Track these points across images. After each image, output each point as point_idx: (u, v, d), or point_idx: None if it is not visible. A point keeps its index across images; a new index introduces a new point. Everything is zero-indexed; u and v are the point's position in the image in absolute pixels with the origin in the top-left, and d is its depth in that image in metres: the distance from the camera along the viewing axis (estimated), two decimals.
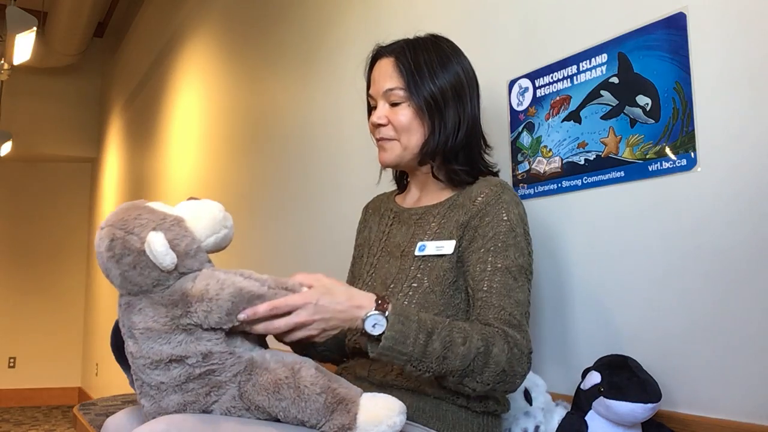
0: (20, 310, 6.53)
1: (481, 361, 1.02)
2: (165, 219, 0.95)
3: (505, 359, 1.03)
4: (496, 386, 1.04)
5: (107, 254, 0.94)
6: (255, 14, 2.99)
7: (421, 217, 1.25)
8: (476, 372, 1.02)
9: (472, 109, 1.24)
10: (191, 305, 0.93)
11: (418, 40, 1.25)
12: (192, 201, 1.02)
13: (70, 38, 5.41)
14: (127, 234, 0.93)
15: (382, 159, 1.26)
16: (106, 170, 6.21)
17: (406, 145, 1.22)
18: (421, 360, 1.00)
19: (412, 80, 1.20)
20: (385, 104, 1.24)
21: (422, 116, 1.21)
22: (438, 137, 1.21)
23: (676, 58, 1.15)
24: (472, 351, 1.01)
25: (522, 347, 1.06)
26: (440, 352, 1.00)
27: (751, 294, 1.03)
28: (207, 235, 0.98)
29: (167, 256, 0.92)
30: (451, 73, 1.22)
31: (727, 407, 1.06)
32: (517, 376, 1.06)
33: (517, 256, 1.13)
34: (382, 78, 1.23)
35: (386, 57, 1.24)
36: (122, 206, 0.98)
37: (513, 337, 1.06)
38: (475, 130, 1.25)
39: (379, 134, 1.24)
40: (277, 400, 0.92)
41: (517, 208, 1.17)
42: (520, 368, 1.06)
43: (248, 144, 2.99)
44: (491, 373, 1.03)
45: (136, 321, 0.94)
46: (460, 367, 1.02)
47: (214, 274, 0.95)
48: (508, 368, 1.04)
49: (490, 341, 1.03)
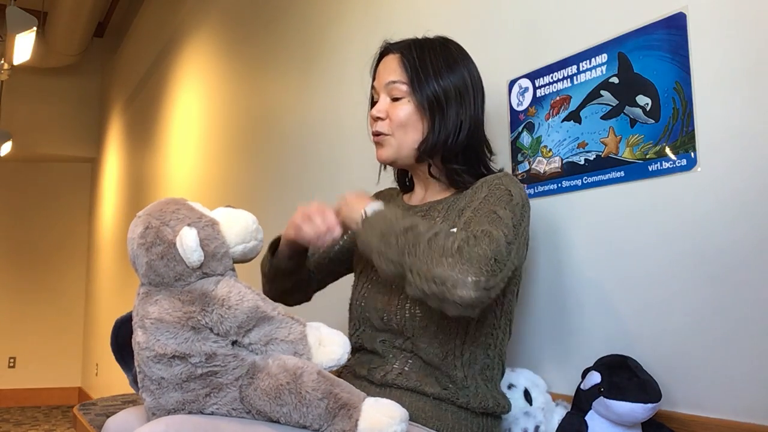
0: (20, 310, 6.53)
1: (433, 242, 1.01)
2: (201, 218, 0.98)
3: (450, 244, 1.00)
4: (429, 268, 0.99)
5: (139, 240, 0.97)
6: (255, 14, 2.99)
7: (426, 213, 1.25)
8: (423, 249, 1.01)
9: (475, 112, 1.23)
10: (209, 306, 0.94)
11: (426, 40, 1.26)
12: (228, 208, 1.04)
13: (70, 38, 5.41)
14: (162, 225, 0.96)
15: (379, 155, 1.27)
16: (106, 170, 6.21)
17: (401, 143, 1.23)
18: (390, 232, 1.05)
19: (415, 77, 1.21)
20: (386, 98, 1.24)
21: (422, 113, 1.21)
22: (438, 135, 1.20)
23: (676, 58, 1.15)
24: (430, 232, 1.03)
25: (459, 242, 1.00)
26: (405, 226, 1.05)
27: (751, 294, 1.03)
28: (237, 242, 1.00)
29: (195, 252, 0.94)
30: (457, 75, 1.22)
31: (727, 407, 1.06)
32: (442, 264, 0.98)
33: (507, 210, 1.10)
34: (386, 71, 1.24)
35: (393, 53, 1.25)
36: (163, 200, 1.01)
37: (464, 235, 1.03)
38: (478, 133, 1.25)
39: (376, 127, 1.25)
40: (279, 406, 0.93)
41: (517, 187, 1.16)
42: (440, 258, 0.99)
43: (248, 144, 2.99)
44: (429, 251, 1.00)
45: (151, 311, 0.95)
46: (412, 243, 1.02)
47: (237, 285, 0.97)
48: (441, 253, 0.99)
49: (450, 232, 1.03)
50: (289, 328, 0.98)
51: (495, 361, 1.20)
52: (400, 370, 1.15)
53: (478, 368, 1.16)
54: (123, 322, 1.07)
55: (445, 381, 1.14)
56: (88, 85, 6.65)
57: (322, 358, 0.98)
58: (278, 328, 0.98)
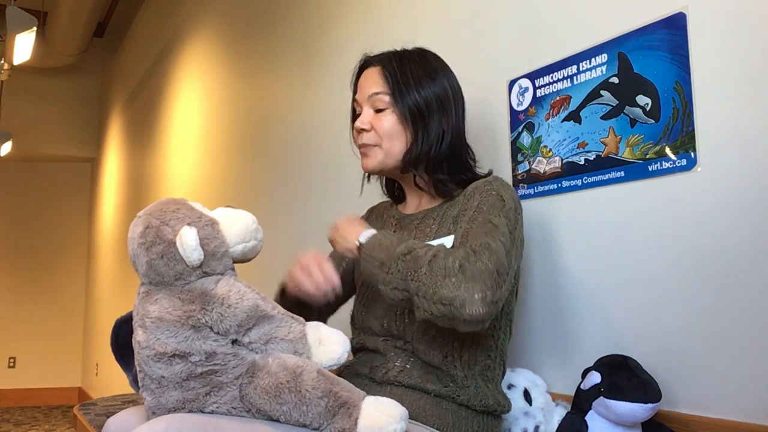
0: (20, 310, 6.52)
1: (434, 263, 1.02)
2: (201, 218, 0.99)
3: (450, 264, 1.01)
4: (430, 287, 1.01)
5: (139, 240, 0.97)
6: (255, 14, 2.99)
7: (421, 221, 1.26)
8: (424, 272, 1.02)
9: (457, 122, 1.24)
10: (209, 305, 0.95)
11: (405, 52, 1.27)
12: (228, 208, 1.05)
13: (70, 38, 5.42)
14: (163, 224, 0.97)
15: (364, 165, 1.27)
16: (106, 170, 6.21)
17: (388, 152, 1.23)
18: (389, 260, 1.06)
19: (397, 88, 1.22)
20: (369, 110, 1.25)
21: (405, 124, 1.22)
22: (420, 146, 1.21)
23: (676, 58, 1.15)
24: (429, 254, 1.04)
25: (460, 260, 1.01)
26: (402, 251, 1.06)
27: (751, 294, 1.03)
28: (236, 242, 1.00)
29: (195, 251, 0.94)
30: (437, 85, 1.23)
31: (727, 407, 1.06)
32: (439, 285, 1.00)
33: (502, 217, 1.11)
34: (368, 84, 1.26)
35: (373, 66, 1.27)
36: (163, 200, 1.02)
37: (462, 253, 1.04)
38: (460, 141, 1.26)
39: (362, 140, 1.26)
40: (279, 404, 0.93)
41: (508, 191, 1.17)
42: (444, 280, 1.00)
43: (248, 144, 2.99)
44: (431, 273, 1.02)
45: (151, 310, 0.96)
46: (413, 267, 1.03)
47: (237, 284, 0.98)
48: (443, 273, 1.01)
49: (449, 251, 1.04)
50: (289, 327, 0.98)
51: (496, 361, 1.20)
52: (402, 367, 1.16)
53: (479, 369, 1.16)
54: (123, 322, 1.07)
55: (446, 380, 1.14)
56: (88, 85, 6.65)
57: (321, 357, 0.99)
58: (278, 327, 0.98)
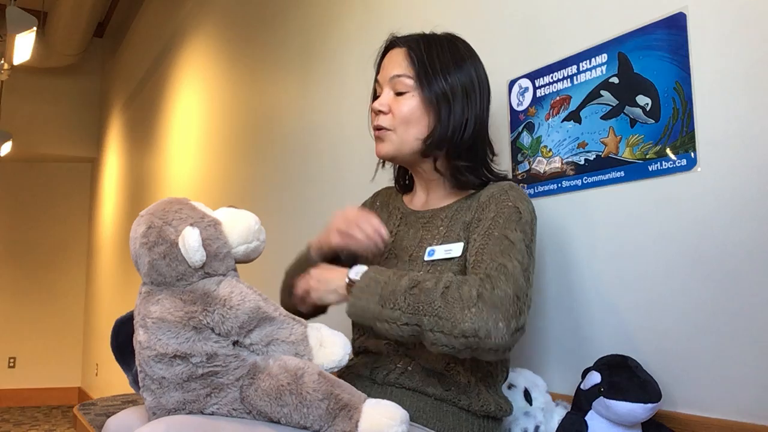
0: (20, 310, 6.53)
1: (448, 295, 0.98)
2: (203, 218, 0.98)
3: (467, 293, 0.98)
4: (450, 321, 0.97)
5: (141, 240, 0.97)
6: (255, 14, 2.99)
7: (428, 220, 1.23)
8: (438, 306, 0.97)
9: (481, 111, 1.22)
10: (210, 306, 0.95)
11: (434, 36, 1.24)
12: (231, 209, 1.04)
13: (70, 38, 5.42)
14: (165, 224, 0.96)
15: (378, 150, 1.24)
16: (106, 170, 6.21)
17: (402, 138, 1.20)
18: (392, 295, 1.01)
19: (422, 71, 1.18)
20: (389, 92, 1.22)
21: (428, 108, 1.18)
22: (445, 128, 1.18)
23: (676, 58, 1.15)
24: (440, 285, 1.00)
25: (477, 289, 0.98)
26: (407, 285, 1.01)
27: (751, 294, 1.03)
28: (239, 242, 1.00)
29: (198, 252, 0.94)
30: (464, 72, 1.20)
31: (727, 407, 1.06)
32: (457, 319, 0.96)
33: (518, 232, 1.08)
34: (392, 65, 1.22)
35: (399, 47, 1.23)
36: (166, 199, 1.01)
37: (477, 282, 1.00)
38: (482, 133, 1.23)
39: (377, 121, 1.22)
40: (279, 406, 0.93)
41: (524, 202, 1.15)
42: (463, 312, 0.96)
43: (248, 144, 2.99)
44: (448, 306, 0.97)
45: (152, 310, 0.96)
46: (425, 301, 0.99)
47: (239, 285, 0.98)
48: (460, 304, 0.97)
49: (461, 280, 1.01)
50: (291, 328, 0.98)
51: (499, 367, 1.19)
52: (403, 369, 1.15)
53: (482, 374, 1.15)
54: (123, 322, 1.07)
55: (447, 383, 1.13)
56: (88, 85, 6.65)
57: (323, 359, 0.98)
58: (279, 329, 0.98)
